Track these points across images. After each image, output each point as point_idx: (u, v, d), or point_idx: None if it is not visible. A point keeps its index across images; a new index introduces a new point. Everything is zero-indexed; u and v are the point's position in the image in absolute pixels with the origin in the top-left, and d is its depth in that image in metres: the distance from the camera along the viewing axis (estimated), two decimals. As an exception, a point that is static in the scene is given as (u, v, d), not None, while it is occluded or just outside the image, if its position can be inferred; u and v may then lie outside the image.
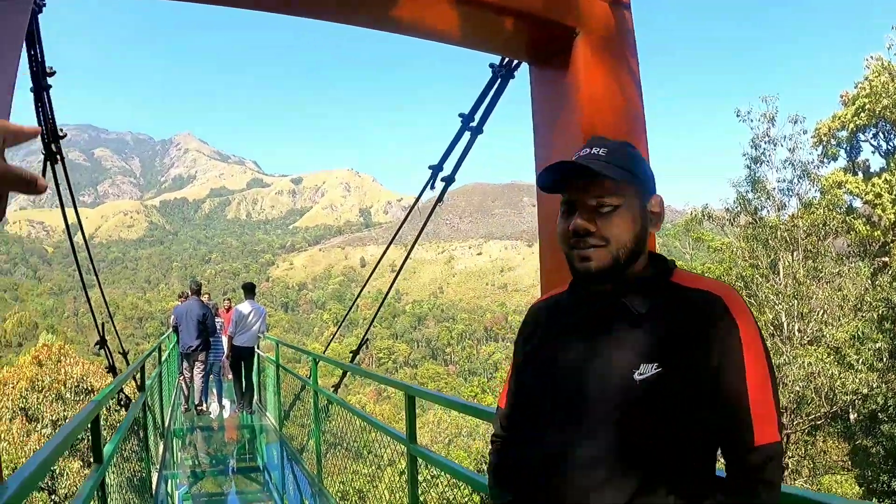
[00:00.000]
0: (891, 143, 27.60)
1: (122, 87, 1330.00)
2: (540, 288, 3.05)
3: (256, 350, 12.71)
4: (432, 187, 5.25)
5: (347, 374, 8.85)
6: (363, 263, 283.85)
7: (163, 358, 10.68)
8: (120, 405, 8.87)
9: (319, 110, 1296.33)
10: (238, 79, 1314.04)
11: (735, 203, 26.77)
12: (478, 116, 4.30)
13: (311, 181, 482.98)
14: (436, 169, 5.07)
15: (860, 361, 20.62)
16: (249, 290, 12.45)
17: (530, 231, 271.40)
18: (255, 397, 12.99)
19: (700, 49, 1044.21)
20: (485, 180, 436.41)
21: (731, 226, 27.56)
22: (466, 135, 4.52)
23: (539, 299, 1.84)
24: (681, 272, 1.59)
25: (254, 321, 12.05)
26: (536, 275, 3.26)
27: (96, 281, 9.10)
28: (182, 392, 12.43)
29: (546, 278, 3.09)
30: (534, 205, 3.21)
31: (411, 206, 6.86)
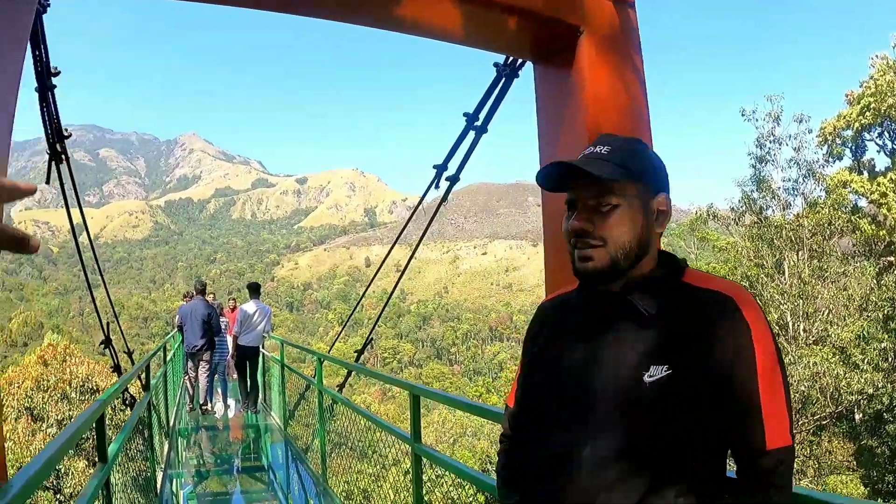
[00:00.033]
0: (896, 142, 27.52)
1: (127, 88, 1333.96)
2: (545, 288, 3.04)
3: (261, 350, 12.74)
4: (437, 187, 5.24)
5: (352, 374, 8.84)
6: (368, 263, 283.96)
7: (168, 357, 10.71)
8: (125, 404, 8.88)
9: (324, 110, 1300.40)
10: (243, 79, 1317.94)
11: (740, 202, 26.71)
12: (482, 116, 4.29)
13: (316, 181, 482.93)
14: (440, 168, 5.06)
15: (865, 361, 20.53)
16: (254, 290, 12.47)
17: (535, 231, 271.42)
18: (260, 397, 12.99)
19: (705, 48, 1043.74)
20: (490, 180, 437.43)
21: (736, 225, 27.48)
22: (471, 134, 4.50)
23: (547, 298, 1.82)
24: (692, 272, 1.56)
25: (259, 321, 12.06)
26: (541, 275, 3.25)
27: (101, 281, 9.13)
28: (187, 391, 12.45)
29: (551, 278, 3.09)
30: (538, 204, 3.21)
31: (416, 206, 6.87)
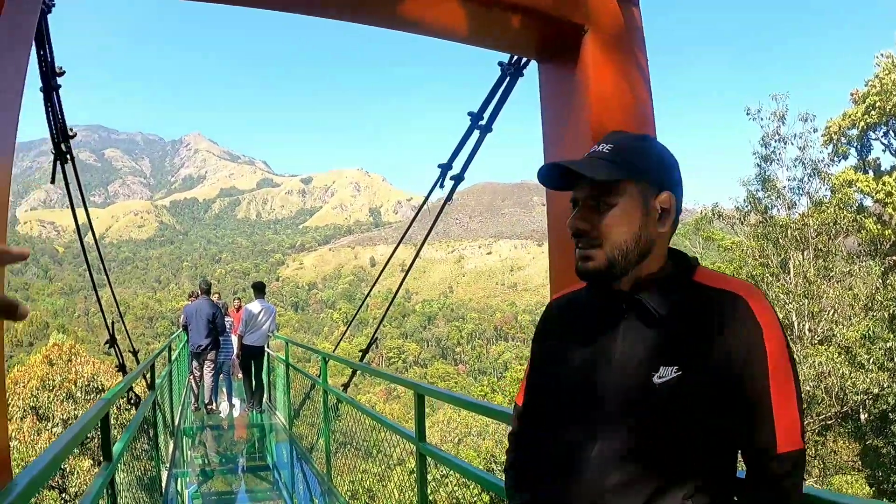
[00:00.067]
0: (901, 142, 27.44)
1: (132, 88, 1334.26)
2: (549, 287, 3.04)
3: (266, 349, 12.75)
4: (441, 186, 5.23)
5: (357, 373, 8.84)
6: (373, 263, 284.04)
7: (173, 357, 10.72)
8: (130, 404, 8.89)
9: (329, 110, 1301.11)
10: (247, 79, 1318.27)
11: (745, 202, 26.72)
12: (487, 115, 4.27)
13: (321, 181, 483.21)
14: (445, 168, 5.05)
15: (871, 361, 20.53)
16: (259, 290, 12.48)
17: (540, 230, 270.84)
18: (265, 396, 13.01)
19: (709, 46, 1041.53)
20: (495, 180, 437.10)
21: (742, 224, 27.50)
22: (476, 133, 4.48)
23: (557, 295, 1.80)
24: (703, 270, 1.53)
25: (264, 320, 12.08)
26: (546, 274, 3.24)
27: (107, 280, 9.13)
28: (192, 391, 12.48)
29: (556, 277, 3.08)
30: (543, 204, 3.20)
31: (420, 205, 6.86)
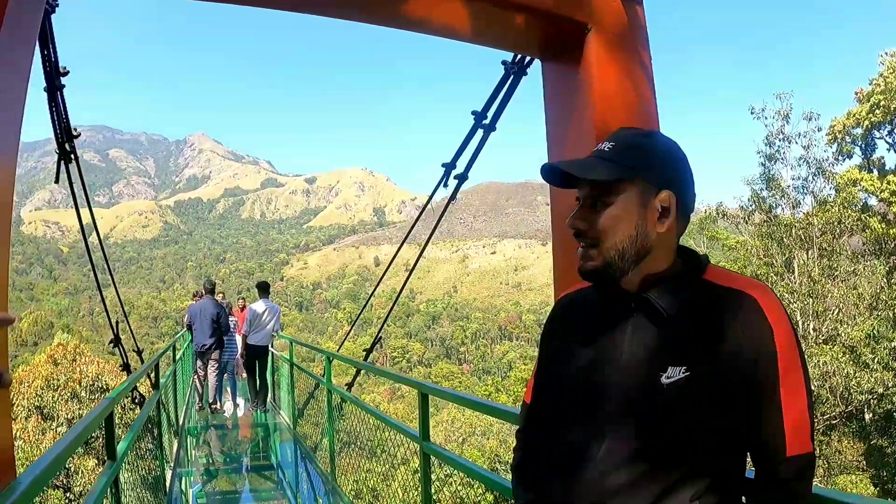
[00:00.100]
0: (905, 141, 27.35)
1: (137, 89, 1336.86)
2: (553, 287, 3.03)
3: (270, 349, 12.77)
4: (445, 185, 5.23)
5: (361, 373, 8.85)
6: (377, 262, 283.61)
7: (177, 356, 10.74)
8: (134, 403, 8.90)
9: (333, 110, 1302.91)
10: (251, 79, 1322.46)
11: (749, 201, 26.60)
12: (490, 114, 4.27)
13: (325, 181, 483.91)
14: (449, 167, 5.05)
15: (876, 360, 20.45)
16: (264, 289, 12.50)
17: (544, 230, 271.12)
18: (269, 396, 13.02)
19: (712, 45, 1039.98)
20: (499, 179, 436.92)
21: (746, 224, 27.42)
22: (479, 132, 4.48)
23: (567, 293, 1.78)
24: (714, 269, 1.51)
25: (268, 320, 12.09)
26: (550, 273, 3.24)
27: (111, 280, 9.15)
28: (196, 390, 12.49)
29: (559, 277, 3.07)
30: (548, 204, 3.19)
31: (424, 204, 6.87)
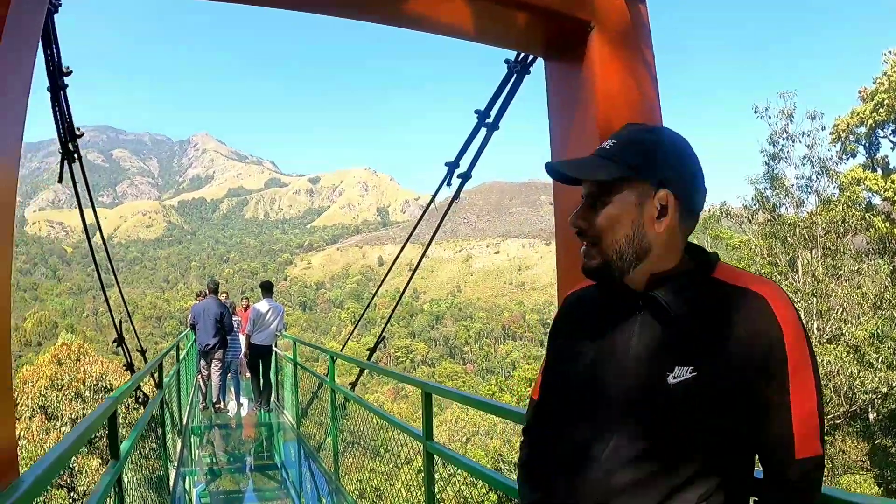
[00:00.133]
0: (909, 140, 27.31)
1: (140, 89, 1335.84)
2: (557, 286, 3.03)
3: (274, 348, 12.78)
4: (449, 184, 5.23)
5: (365, 372, 8.84)
6: (381, 262, 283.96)
7: (181, 356, 10.75)
8: (138, 403, 8.91)
9: (336, 110, 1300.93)
10: (254, 79, 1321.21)
11: (753, 200, 26.64)
12: (494, 113, 4.26)
13: (329, 181, 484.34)
14: (452, 166, 5.05)
15: (880, 360, 20.43)
16: (267, 289, 12.51)
17: (548, 229, 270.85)
18: (273, 395, 13.03)
19: (715, 44, 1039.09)
20: (502, 178, 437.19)
21: (750, 223, 27.40)
22: (483, 131, 4.47)
23: (574, 290, 1.76)
24: (724, 267, 1.48)
25: (271, 319, 12.10)
26: (554, 273, 3.22)
27: (115, 280, 9.16)
28: (200, 390, 12.50)
29: (563, 276, 3.06)
30: (551, 203, 3.19)
31: (428, 204, 6.86)
